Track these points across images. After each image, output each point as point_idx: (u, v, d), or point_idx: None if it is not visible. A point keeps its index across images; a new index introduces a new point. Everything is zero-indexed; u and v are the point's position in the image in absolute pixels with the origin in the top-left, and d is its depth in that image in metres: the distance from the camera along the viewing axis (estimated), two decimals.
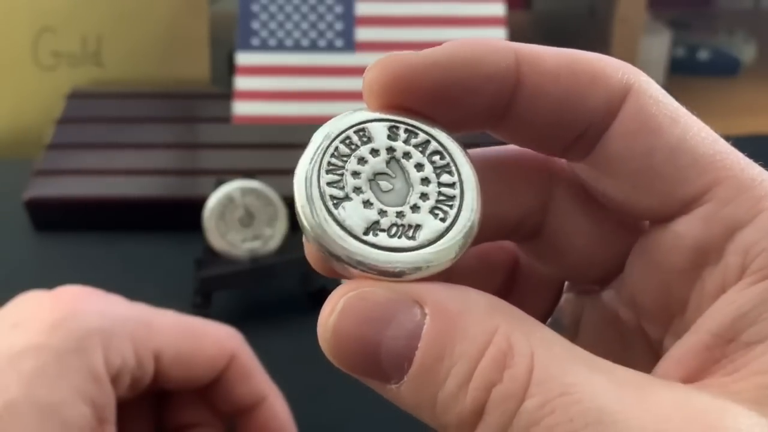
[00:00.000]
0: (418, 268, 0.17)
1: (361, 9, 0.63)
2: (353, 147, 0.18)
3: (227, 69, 0.69)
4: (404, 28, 0.62)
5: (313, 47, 0.62)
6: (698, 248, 0.18)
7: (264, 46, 0.62)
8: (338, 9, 0.63)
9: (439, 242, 0.18)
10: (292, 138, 0.60)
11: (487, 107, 0.19)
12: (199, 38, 0.69)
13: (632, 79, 0.19)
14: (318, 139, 0.19)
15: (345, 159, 0.18)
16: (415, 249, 0.18)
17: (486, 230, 0.19)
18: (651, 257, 0.20)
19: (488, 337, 0.16)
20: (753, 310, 0.17)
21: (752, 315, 0.17)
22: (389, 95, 0.19)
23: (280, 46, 0.62)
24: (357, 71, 0.62)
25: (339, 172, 0.18)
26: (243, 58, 0.62)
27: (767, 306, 0.17)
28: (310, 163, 0.18)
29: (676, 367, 0.18)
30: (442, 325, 0.16)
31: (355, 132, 0.19)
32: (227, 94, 0.62)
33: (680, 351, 0.18)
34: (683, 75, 0.81)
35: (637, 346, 0.21)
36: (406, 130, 0.19)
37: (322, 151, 0.18)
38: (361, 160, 0.18)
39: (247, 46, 0.62)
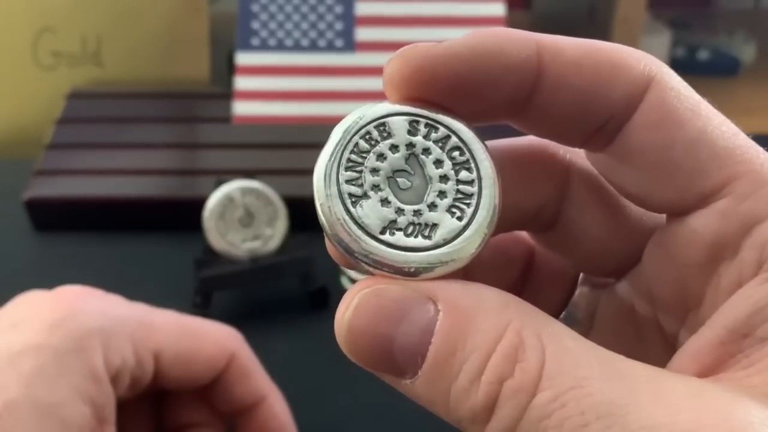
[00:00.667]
0: (433, 268, 0.18)
1: (361, 9, 0.63)
2: (373, 143, 0.19)
3: (227, 69, 0.69)
4: (404, 28, 0.62)
5: (313, 47, 0.62)
6: (715, 243, 0.18)
7: (264, 46, 0.62)
8: (338, 9, 0.63)
9: (455, 242, 0.18)
10: (292, 138, 0.60)
11: (508, 98, 0.19)
12: (199, 38, 0.69)
13: (654, 70, 0.19)
14: (338, 134, 0.19)
15: (364, 155, 0.18)
16: (431, 249, 0.18)
17: (503, 220, 0.19)
18: (667, 250, 0.20)
19: (500, 331, 0.17)
20: None
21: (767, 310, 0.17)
22: (410, 87, 0.19)
23: (280, 46, 0.62)
24: (357, 71, 0.62)
25: (358, 169, 0.18)
26: (243, 58, 0.62)
27: None
28: (330, 159, 0.18)
29: (691, 361, 0.18)
30: (454, 321, 0.17)
31: (375, 127, 0.19)
32: (227, 94, 0.62)
33: (695, 345, 0.18)
34: (683, 75, 0.80)
35: (652, 340, 0.21)
36: (426, 125, 0.19)
37: (342, 147, 0.18)
38: (381, 157, 0.18)
39: (247, 46, 0.62)
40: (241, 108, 0.61)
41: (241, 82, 0.61)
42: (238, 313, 0.48)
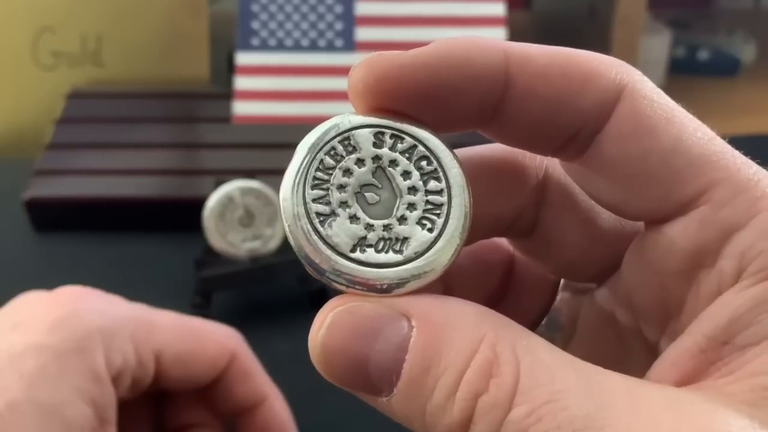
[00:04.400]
0: (405, 283, 0.18)
1: (361, 9, 0.63)
2: (338, 158, 0.18)
3: (227, 69, 0.69)
4: (404, 28, 0.62)
5: (313, 47, 0.62)
6: (694, 251, 0.18)
7: (264, 46, 0.62)
8: (338, 9, 0.63)
9: (426, 254, 0.18)
10: (292, 138, 0.59)
11: (476, 108, 0.18)
12: (199, 38, 0.69)
13: (626, 78, 0.18)
14: (302, 151, 0.18)
15: (330, 172, 0.18)
16: (403, 263, 0.18)
17: (480, 228, 0.19)
18: (646, 259, 0.19)
19: (474, 346, 0.16)
20: (748, 313, 0.17)
21: (747, 317, 0.17)
22: (375, 97, 0.18)
23: (280, 46, 0.62)
24: None
25: (324, 186, 0.18)
26: (243, 58, 0.62)
27: (763, 308, 0.17)
28: (296, 178, 0.18)
29: (671, 369, 0.18)
30: (428, 337, 0.17)
31: (340, 141, 0.18)
32: (227, 94, 0.62)
33: (675, 353, 0.18)
34: (683, 75, 0.81)
35: (634, 347, 0.21)
36: (392, 135, 0.18)
37: (307, 165, 0.18)
38: (347, 172, 0.18)
39: (247, 46, 0.62)
40: (240, 108, 0.61)
41: (241, 82, 0.61)
42: (238, 313, 0.48)
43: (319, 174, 0.18)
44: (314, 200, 0.18)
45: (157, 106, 0.64)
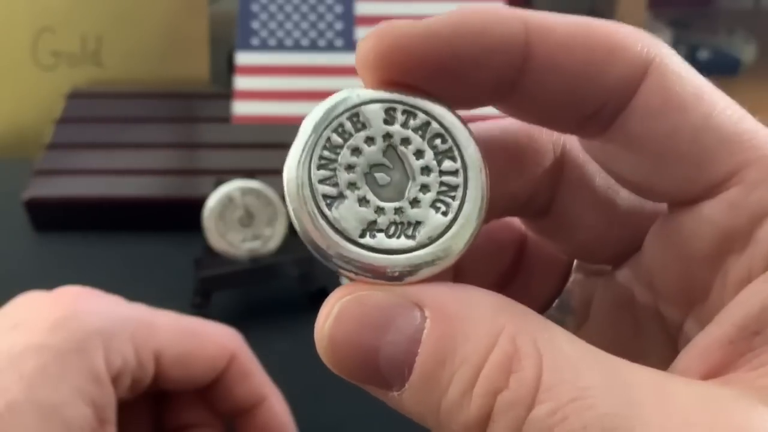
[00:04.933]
0: (418, 270, 0.16)
1: (361, 9, 0.63)
2: (346, 136, 0.17)
3: (227, 69, 0.69)
4: None
5: (313, 47, 0.62)
6: (724, 235, 0.17)
7: (264, 46, 0.62)
8: (338, 9, 0.63)
9: (440, 240, 0.17)
10: (292, 138, 0.59)
11: (493, 81, 0.17)
12: (199, 38, 0.69)
13: (653, 51, 0.17)
14: (308, 128, 0.17)
15: (338, 151, 0.17)
16: (415, 249, 0.17)
17: (494, 208, 0.18)
18: (671, 241, 0.18)
19: (492, 339, 0.15)
20: None
21: None
22: (385, 69, 0.17)
23: (280, 46, 0.62)
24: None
25: (332, 166, 0.17)
26: (243, 58, 0.62)
27: None
28: (300, 157, 0.17)
29: (698, 360, 0.17)
30: (443, 329, 0.16)
31: (348, 118, 0.17)
32: (227, 94, 0.62)
33: (703, 344, 0.17)
34: None
35: (651, 331, 0.20)
36: (404, 111, 0.17)
37: (313, 144, 0.17)
38: (356, 151, 0.17)
39: (247, 46, 0.62)
40: (240, 108, 0.61)
41: (241, 82, 0.61)
42: (237, 313, 0.48)
43: (326, 153, 0.17)
44: (320, 181, 0.17)
45: (157, 106, 0.64)
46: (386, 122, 0.17)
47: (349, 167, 0.17)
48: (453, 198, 0.17)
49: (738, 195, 0.17)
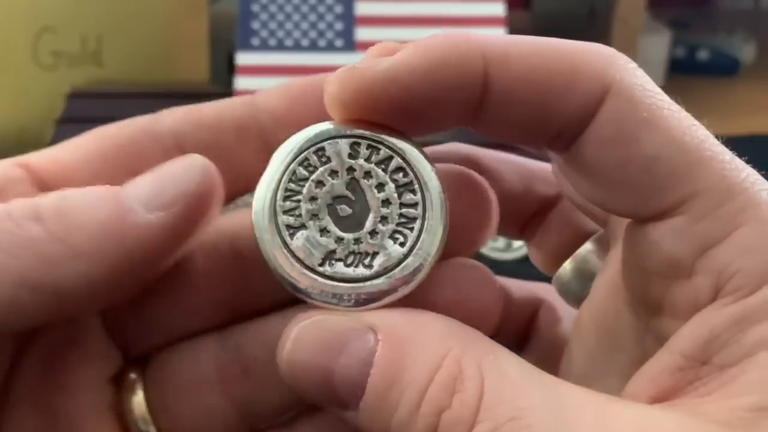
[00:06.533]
0: (373, 300, 0.17)
1: (361, 9, 0.63)
2: (311, 169, 0.18)
3: (227, 69, 0.69)
4: (404, 28, 0.62)
5: (313, 47, 0.62)
6: (669, 261, 0.18)
7: (264, 46, 0.62)
8: (338, 9, 0.63)
9: (395, 270, 0.17)
10: None
11: (455, 114, 0.18)
12: (199, 38, 0.69)
13: (611, 76, 0.17)
14: (276, 162, 0.18)
15: (302, 183, 0.18)
16: (372, 278, 0.17)
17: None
18: (632, 251, 0.19)
19: (438, 361, 0.16)
20: (726, 332, 0.17)
21: (725, 337, 0.17)
22: (351, 110, 0.18)
23: (280, 46, 0.62)
24: None
25: (296, 198, 0.18)
26: (243, 58, 0.62)
27: (740, 328, 0.16)
28: (267, 189, 0.18)
29: (648, 384, 0.17)
30: (393, 352, 0.16)
31: (314, 152, 0.18)
32: (227, 94, 0.62)
33: (653, 369, 0.18)
34: (683, 75, 0.81)
35: (627, 330, 0.20)
36: (368, 146, 0.18)
37: (279, 176, 0.18)
38: (319, 184, 0.18)
39: (247, 46, 0.62)
40: None
41: (241, 82, 0.61)
42: None
43: (292, 185, 0.18)
44: (285, 212, 0.18)
45: (157, 106, 0.64)
46: (350, 156, 0.18)
47: (313, 199, 0.18)
48: (411, 230, 0.18)
49: (683, 224, 0.17)
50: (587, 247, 0.24)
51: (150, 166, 0.19)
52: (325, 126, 0.18)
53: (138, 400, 0.20)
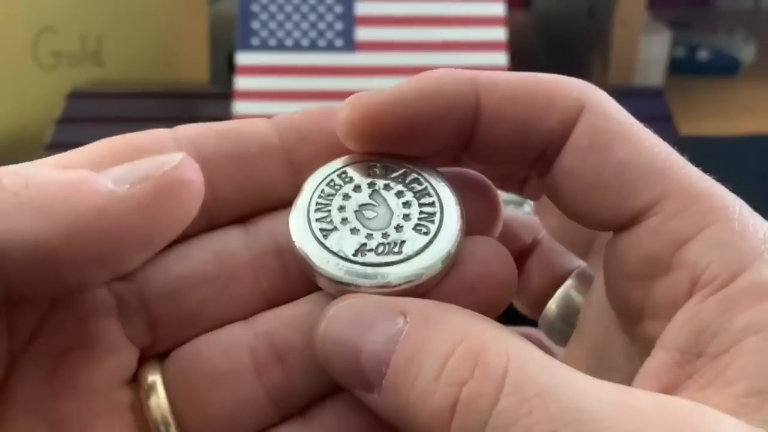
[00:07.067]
0: (405, 281, 0.19)
1: (361, 9, 0.63)
2: (337, 187, 0.20)
3: (227, 69, 0.69)
4: (404, 28, 0.62)
5: (313, 47, 0.62)
6: (647, 259, 0.19)
7: (264, 46, 0.62)
8: (338, 9, 0.63)
9: (423, 254, 0.19)
10: None
11: (452, 134, 0.20)
12: (199, 38, 0.69)
13: (586, 97, 0.20)
14: (306, 188, 0.20)
15: (330, 198, 0.20)
16: (402, 261, 0.19)
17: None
18: (612, 262, 0.20)
19: (460, 336, 0.17)
20: (713, 323, 0.17)
21: (713, 327, 0.17)
22: (361, 134, 0.20)
23: (280, 46, 0.62)
24: (357, 71, 0.62)
25: (326, 209, 0.20)
26: (243, 58, 0.62)
27: (727, 316, 0.17)
28: (300, 206, 0.20)
29: (650, 382, 0.18)
30: (418, 328, 0.17)
31: (338, 175, 0.20)
32: (227, 94, 0.62)
33: (652, 366, 0.18)
34: (683, 75, 0.81)
35: (617, 348, 0.21)
36: (383, 167, 0.20)
37: (310, 194, 0.20)
38: (346, 197, 0.20)
39: (247, 46, 0.62)
40: (241, 108, 0.61)
41: (241, 82, 0.61)
42: None
43: (321, 200, 0.20)
44: (317, 220, 0.20)
45: (157, 106, 0.64)
46: (369, 175, 0.20)
47: (341, 208, 0.20)
48: (432, 222, 0.20)
49: (658, 223, 0.19)
50: (569, 283, 0.25)
51: None
52: (343, 158, 0.21)
53: (159, 397, 0.19)
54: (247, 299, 0.20)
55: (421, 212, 0.20)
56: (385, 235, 0.19)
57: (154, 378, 0.19)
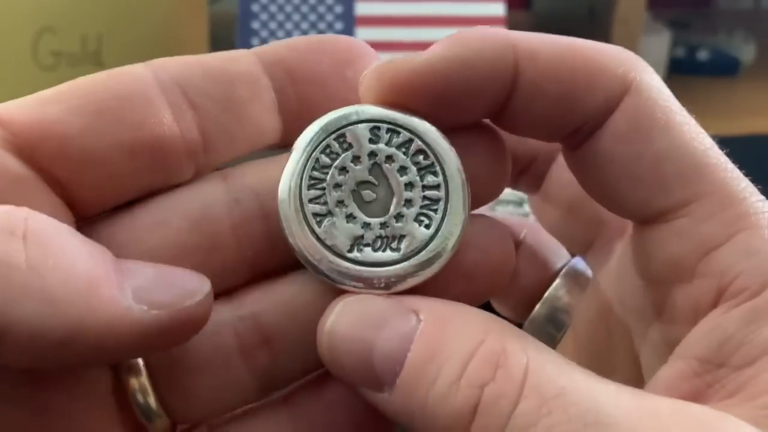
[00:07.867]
0: (403, 281, 0.18)
1: (361, 9, 0.63)
2: (334, 156, 0.18)
3: None
4: (404, 28, 0.62)
5: None
6: (671, 262, 0.18)
7: None
8: (338, 9, 0.63)
9: (423, 252, 0.18)
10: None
11: (486, 105, 0.18)
12: (199, 38, 0.69)
13: (632, 76, 0.18)
14: (297, 151, 0.18)
15: (326, 171, 0.18)
16: (400, 261, 0.18)
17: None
18: (633, 257, 0.19)
19: (481, 337, 0.16)
20: (738, 333, 0.17)
21: (738, 337, 0.17)
22: (387, 105, 0.18)
23: None
24: None
25: (321, 186, 0.18)
26: None
27: (753, 327, 0.17)
28: (291, 179, 0.18)
29: (668, 390, 0.18)
30: (434, 328, 0.17)
31: (335, 138, 0.18)
32: None
33: (668, 376, 0.18)
34: (683, 75, 0.81)
35: (621, 347, 0.21)
36: (388, 130, 0.18)
37: (303, 164, 0.18)
38: (343, 170, 0.18)
39: (247, 46, 0.62)
40: None
41: None
42: None
43: (315, 173, 0.18)
44: (311, 200, 0.18)
45: None
46: (371, 141, 0.18)
47: (337, 186, 0.18)
48: (435, 211, 0.18)
49: (686, 226, 0.18)
50: (558, 283, 0.24)
51: (159, 123, 0.18)
52: (343, 111, 0.19)
53: (141, 379, 0.19)
54: (230, 270, 0.19)
55: (424, 197, 0.18)
56: (383, 226, 0.18)
57: (136, 362, 0.19)
